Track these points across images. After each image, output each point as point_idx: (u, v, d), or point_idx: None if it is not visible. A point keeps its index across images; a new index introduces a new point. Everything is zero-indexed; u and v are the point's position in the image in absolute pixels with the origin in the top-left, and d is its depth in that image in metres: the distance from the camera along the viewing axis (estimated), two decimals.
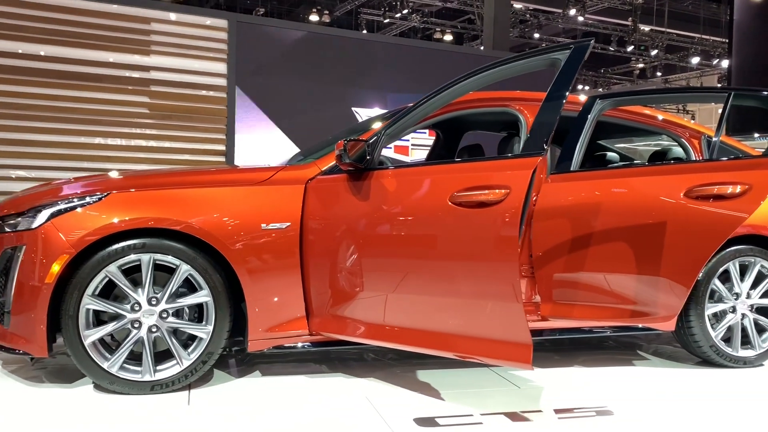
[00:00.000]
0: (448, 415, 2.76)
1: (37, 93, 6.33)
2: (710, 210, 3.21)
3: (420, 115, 3.16)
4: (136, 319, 2.90)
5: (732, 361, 3.60)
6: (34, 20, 6.30)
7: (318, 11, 17.85)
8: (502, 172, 2.75)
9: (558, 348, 4.07)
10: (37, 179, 6.12)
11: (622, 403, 2.99)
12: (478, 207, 2.72)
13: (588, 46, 2.85)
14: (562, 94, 2.78)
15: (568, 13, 17.34)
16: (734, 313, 3.60)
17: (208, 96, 7.09)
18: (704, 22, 18.54)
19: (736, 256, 3.57)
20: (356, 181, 3.03)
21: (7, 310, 2.86)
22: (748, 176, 3.20)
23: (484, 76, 3.05)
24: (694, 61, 20.67)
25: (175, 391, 2.96)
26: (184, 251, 2.90)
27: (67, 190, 3.03)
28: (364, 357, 3.71)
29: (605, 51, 20.83)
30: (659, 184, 3.32)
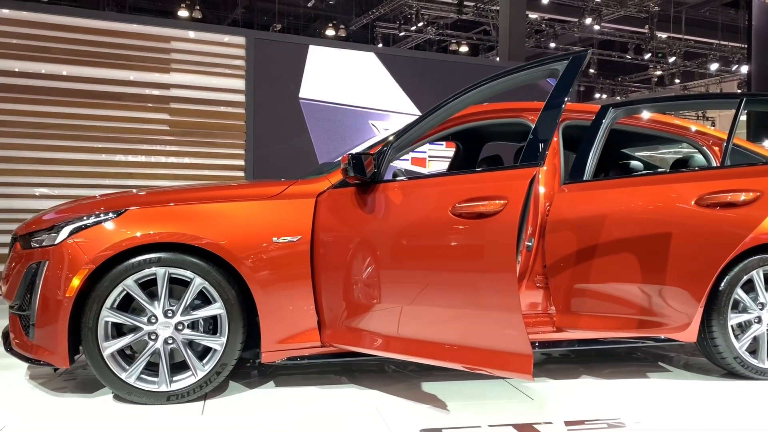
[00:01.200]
0: (456, 426, 2.76)
1: (59, 112, 6.47)
2: (721, 218, 3.16)
3: (426, 127, 3.19)
4: (153, 331, 2.98)
5: (758, 373, 3.50)
6: (57, 41, 6.46)
7: (334, 26, 18.00)
8: (499, 182, 2.77)
9: (583, 360, 4.03)
10: (60, 197, 6.24)
11: (636, 415, 2.93)
12: (477, 218, 2.74)
13: (585, 55, 2.86)
14: (559, 103, 2.79)
15: (584, 22, 17.31)
16: (760, 324, 3.51)
17: (227, 112, 7.17)
18: (722, 28, 18.40)
19: (761, 265, 3.49)
20: (363, 194, 3.07)
21: (32, 323, 2.96)
22: (758, 183, 3.16)
23: (486, 88, 3.08)
24: (712, 67, 20.49)
25: (190, 401, 3.02)
26: (198, 265, 2.97)
27: (88, 207, 3.13)
28: (378, 368, 3.71)
29: (622, 59, 20.74)
30: (671, 192, 3.29)
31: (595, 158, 3.55)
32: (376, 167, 3.02)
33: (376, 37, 19.27)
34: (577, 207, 3.39)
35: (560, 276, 3.37)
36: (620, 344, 3.62)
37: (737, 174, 3.25)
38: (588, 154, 3.54)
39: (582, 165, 3.53)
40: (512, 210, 2.65)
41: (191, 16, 16.08)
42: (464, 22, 18.97)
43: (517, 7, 12.18)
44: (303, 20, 19.84)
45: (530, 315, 3.42)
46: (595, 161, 3.55)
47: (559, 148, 3.58)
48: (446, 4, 17.17)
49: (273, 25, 18.31)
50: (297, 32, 18.52)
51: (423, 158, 8.28)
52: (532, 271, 3.41)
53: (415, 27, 17.88)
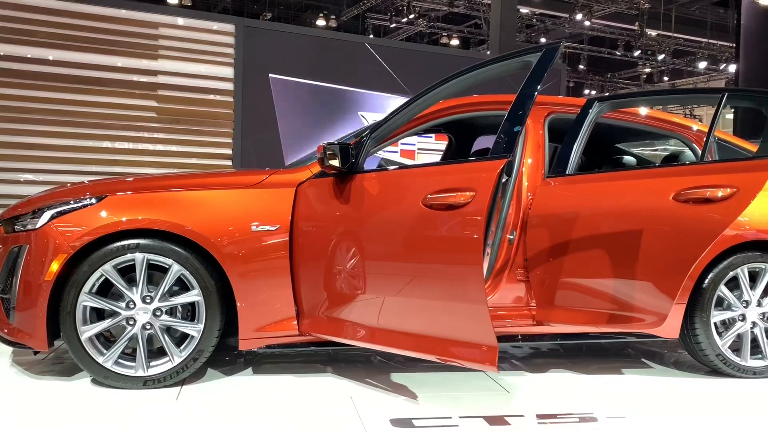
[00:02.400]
0: (426, 416, 2.77)
1: (45, 97, 6.39)
2: (697, 213, 3.11)
3: (404, 119, 3.20)
4: (131, 316, 2.99)
5: (740, 371, 3.46)
6: (43, 25, 6.38)
7: (325, 16, 17.93)
8: (468, 174, 2.78)
9: (571, 355, 4.02)
10: (46, 182, 6.18)
11: (609, 410, 2.92)
12: (447, 209, 2.75)
13: (558, 47, 2.86)
14: (530, 94, 2.79)
15: (574, 17, 17.35)
16: (744, 322, 3.47)
17: (215, 100, 7.13)
18: (711, 26, 18.51)
19: (746, 262, 3.45)
20: (341, 185, 3.08)
21: (12, 306, 2.99)
22: (735, 179, 3.09)
23: (463, 80, 3.09)
24: (701, 65, 20.64)
25: (167, 386, 3.03)
26: (175, 251, 2.99)
27: (70, 192, 3.15)
28: (358, 358, 3.71)
29: (612, 55, 20.84)
30: (650, 187, 3.26)
31: (579, 152, 3.54)
32: (354, 157, 3.03)
33: (367, 29, 19.21)
34: (558, 201, 3.39)
35: (540, 269, 3.36)
36: (603, 339, 3.62)
37: (715, 170, 3.22)
38: (572, 148, 3.53)
39: (565, 158, 3.52)
40: (480, 201, 2.66)
41: (181, 2, 15.94)
42: (456, 15, 18.96)
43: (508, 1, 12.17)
44: (294, 10, 19.74)
45: (511, 308, 3.41)
46: (578, 155, 3.54)
47: (543, 141, 3.57)
48: None
49: (263, 13, 18.20)
50: (287, 22, 18.41)
51: (412, 150, 8.28)
52: (513, 264, 3.40)
53: (406, 19, 17.83)
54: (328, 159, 2.99)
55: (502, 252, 3.40)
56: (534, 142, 3.56)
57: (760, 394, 3.29)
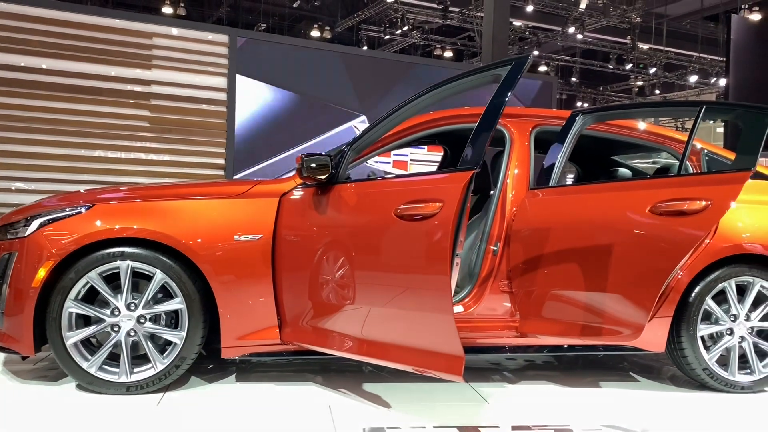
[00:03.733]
0: (400, 426, 2.79)
1: (38, 106, 6.40)
2: (672, 226, 3.08)
3: (382, 130, 3.26)
4: (116, 323, 3.05)
5: (728, 386, 3.44)
6: (36, 34, 6.39)
7: (319, 27, 18.00)
8: (436, 185, 2.84)
9: (565, 367, 4.00)
10: (38, 191, 6.18)
11: (586, 423, 2.92)
12: (416, 220, 2.80)
13: (525, 61, 2.89)
14: (497, 105, 2.81)
15: (567, 31, 17.49)
16: (731, 336, 3.45)
17: (208, 110, 7.15)
18: (702, 41, 18.68)
19: (733, 276, 3.43)
20: (321, 195, 3.14)
21: (1, 312, 3.05)
22: (709, 192, 3.06)
23: (438, 92, 3.15)
24: (692, 79, 20.81)
25: (150, 392, 3.08)
26: (159, 260, 3.04)
27: (60, 201, 3.23)
28: (341, 366, 3.72)
29: (604, 68, 20.98)
30: (628, 199, 3.24)
31: (563, 164, 3.56)
32: (334, 168, 3.08)
33: (361, 40, 19.30)
34: (540, 213, 3.40)
35: (523, 280, 3.37)
36: (590, 352, 3.60)
37: (690, 182, 3.20)
38: (555, 160, 3.56)
39: (549, 171, 3.54)
40: (447, 212, 2.69)
41: (175, 13, 15.98)
42: (449, 27, 19.08)
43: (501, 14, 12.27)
44: (288, 20, 19.81)
45: (495, 319, 3.42)
46: (562, 167, 3.56)
47: (529, 153, 3.60)
48: (431, 9, 17.25)
49: (258, 24, 18.26)
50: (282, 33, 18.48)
51: (404, 161, 8.31)
52: (497, 275, 3.42)
53: (400, 31, 17.93)
54: (306, 170, 3.04)
55: (487, 263, 3.42)
56: (519, 154, 3.59)
57: (742, 410, 3.25)
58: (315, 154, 3.09)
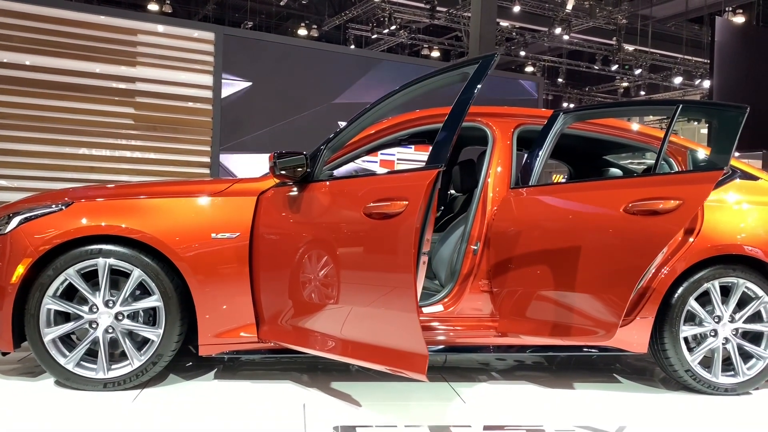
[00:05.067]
0: (371, 425, 2.79)
1: (21, 103, 6.34)
2: (644, 225, 3.03)
3: (356, 129, 3.28)
4: (94, 319, 3.07)
5: (711, 388, 3.40)
6: (20, 29, 6.33)
7: (306, 26, 17.97)
8: (402, 184, 2.83)
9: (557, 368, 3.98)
10: (21, 189, 6.11)
11: (560, 423, 2.91)
12: (383, 219, 2.80)
13: (492, 58, 2.90)
14: (463, 102, 2.82)
15: (553, 31, 17.58)
16: (715, 337, 3.41)
17: (194, 108, 7.11)
18: (687, 42, 18.85)
19: (717, 277, 3.39)
20: (297, 194, 3.15)
21: None
22: (680, 191, 3.01)
23: (408, 91, 3.17)
24: (676, 81, 20.99)
25: (127, 389, 3.10)
26: (136, 257, 3.06)
27: (41, 198, 3.25)
28: (318, 365, 3.72)
29: (590, 69, 21.11)
30: (603, 199, 3.20)
31: (542, 162, 3.55)
32: (309, 167, 3.10)
33: (348, 39, 19.27)
34: (518, 212, 3.39)
35: (501, 280, 3.36)
36: (572, 353, 3.57)
37: (663, 182, 3.15)
38: (536, 160, 3.54)
39: (529, 170, 3.53)
40: (412, 211, 2.69)
41: (161, 10, 15.88)
42: (436, 27, 19.11)
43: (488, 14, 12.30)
44: (275, 19, 19.75)
45: (476, 318, 3.41)
46: (542, 165, 3.54)
47: (511, 152, 3.59)
48: (419, 9, 17.26)
49: (244, 22, 18.18)
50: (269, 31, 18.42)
51: (392, 161, 8.32)
52: (477, 275, 3.41)
53: (387, 30, 17.93)
54: (279, 168, 3.05)
55: (467, 262, 3.42)
56: (502, 154, 3.58)
57: (721, 411, 3.22)
58: (289, 152, 3.09)
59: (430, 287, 3.70)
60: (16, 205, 3.23)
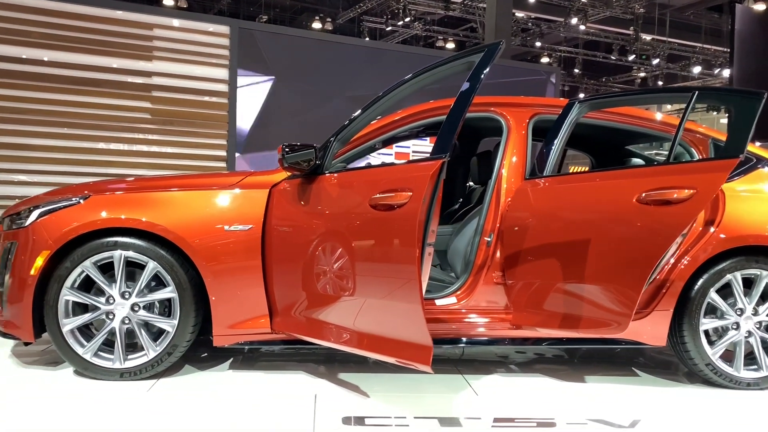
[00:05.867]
0: (380, 416, 2.80)
1: (40, 98, 6.41)
2: (657, 215, 2.96)
3: (365, 121, 3.29)
4: (110, 310, 3.13)
5: (732, 382, 3.33)
6: (38, 25, 6.39)
7: (321, 19, 17.95)
8: (406, 175, 2.82)
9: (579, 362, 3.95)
10: (40, 183, 6.18)
11: (572, 416, 2.87)
12: (388, 210, 2.80)
13: (497, 46, 2.88)
14: (468, 92, 2.81)
15: (569, 22, 17.42)
16: (737, 330, 3.33)
17: (209, 102, 7.14)
18: (706, 31, 18.60)
19: (739, 268, 3.30)
20: (307, 186, 3.17)
21: (5, 299, 3.15)
22: (694, 180, 2.94)
23: (415, 82, 3.17)
24: (695, 70, 20.72)
25: (143, 379, 3.15)
26: (151, 249, 3.11)
27: (60, 192, 3.32)
28: (332, 356, 3.72)
29: (607, 60, 20.90)
30: (617, 188, 3.14)
31: (558, 152, 3.50)
32: (319, 159, 3.11)
33: (362, 32, 19.24)
34: (532, 203, 3.35)
35: (514, 272, 3.33)
36: (588, 345, 3.53)
37: (677, 171, 3.07)
38: (551, 149, 3.49)
39: (544, 160, 3.49)
40: (415, 202, 2.69)
41: (177, 4, 15.94)
42: (451, 18, 19.01)
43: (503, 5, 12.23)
44: (290, 12, 19.76)
45: (489, 311, 3.39)
46: (557, 155, 3.50)
47: (526, 142, 3.55)
48: (433, 0, 17.18)
49: (259, 16, 18.21)
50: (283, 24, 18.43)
51: (407, 153, 8.29)
52: (490, 266, 3.39)
53: (402, 22, 17.87)
54: (287, 160, 3.07)
55: (481, 254, 3.40)
56: (516, 144, 3.55)
57: (741, 406, 3.14)
58: (297, 144, 3.11)
59: (445, 279, 3.69)
60: (37, 199, 3.29)
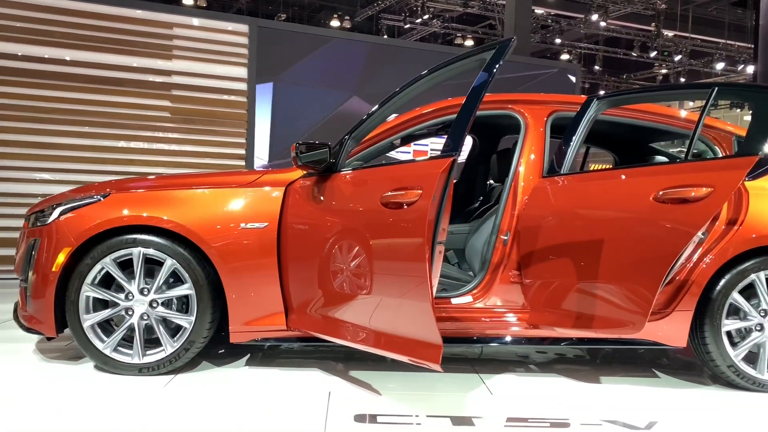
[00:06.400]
0: (393, 413, 2.79)
1: (61, 97, 6.48)
2: (673, 214, 2.90)
3: (379, 118, 3.29)
4: (129, 306, 3.18)
5: (756, 385, 3.26)
6: (59, 25, 6.46)
7: (339, 17, 17.96)
8: (416, 173, 2.82)
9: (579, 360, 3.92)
10: (61, 182, 6.25)
11: (587, 417, 2.83)
12: (398, 208, 2.80)
13: (509, 43, 2.86)
14: (478, 90, 2.80)
15: (590, 18, 17.26)
16: (761, 332, 3.26)
17: (229, 100, 7.17)
18: (729, 27, 18.34)
19: (763, 268, 3.23)
20: (321, 184, 3.19)
21: (28, 295, 3.22)
22: (711, 178, 2.87)
23: (427, 80, 3.16)
24: (718, 66, 20.43)
25: (161, 374, 3.19)
26: (169, 247, 3.15)
27: (81, 190, 3.38)
28: (347, 353, 3.70)
29: (628, 56, 20.68)
30: (634, 187, 3.08)
31: (575, 149, 3.46)
32: (333, 157, 3.13)
33: (381, 29, 19.22)
34: (548, 201, 3.31)
35: (531, 271, 3.30)
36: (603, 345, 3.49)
37: (694, 169, 3.00)
38: (568, 147, 3.45)
39: (561, 158, 3.45)
40: (425, 200, 2.68)
41: (196, 3, 16.04)
42: (470, 15, 18.93)
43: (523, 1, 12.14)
44: (308, 11, 19.80)
45: (506, 310, 3.37)
46: (574, 152, 3.46)
47: (544, 140, 3.51)
48: None
49: (278, 14, 18.27)
50: (302, 22, 18.47)
51: (425, 151, 8.26)
52: (507, 265, 3.36)
53: (420, 20, 17.82)
54: (300, 159, 3.10)
55: (497, 253, 3.38)
56: (534, 142, 3.51)
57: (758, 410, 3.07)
58: (311, 142, 3.13)
59: (463, 278, 3.67)
60: (59, 197, 3.35)
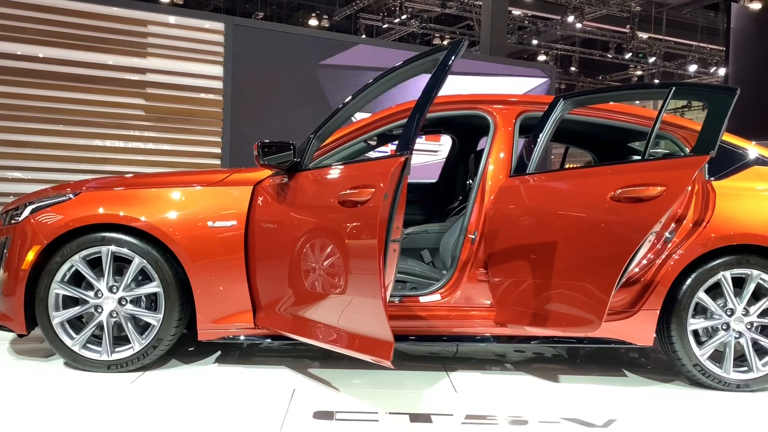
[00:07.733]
0: (351, 410, 2.82)
1: (34, 95, 6.38)
2: (629, 213, 2.93)
3: (341, 119, 3.32)
4: (98, 304, 3.19)
5: (721, 384, 3.26)
6: (32, 22, 6.37)
7: (317, 16, 17.94)
8: (370, 171, 2.86)
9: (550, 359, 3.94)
10: (34, 180, 6.17)
11: (546, 415, 2.85)
12: (353, 206, 2.84)
13: (459, 44, 2.90)
14: (430, 90, 2.83)
15: (566, 19, 17.43)
16: (727, 331, 3.27)
17: (204, 99, 7.13)
18: (702, 30, 18.64)
19: (729, 267, 3.25)
20: (286, 184, 3.21)
21: (0, 293, 3.24)
22: (664, 177, 2.90)
23: (386, 80, 3.21)
24: (691, 68, 20.77)
25: (129, 371, 3.22)
26: (136, 245, 3.17)
27: (52, 189, 3.40)
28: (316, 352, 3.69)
29: (603, 58, 20.93)
30: (594, 186, 3.10)
31: (541, 149, 3.49)
32: (298, 156, 3.15)
33: (359, 29, 19.23)
34: (512, 201, 3.35)
35: (497, 270, 3.33)
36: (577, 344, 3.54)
37: (649, 168, 3.01)
38: (534, 146, 3.48)
39: (527, 157, 3.48)
40: (377, 198, 2.72)
41: (172, 1, 15.91)
42: (448, 16, 19.02)
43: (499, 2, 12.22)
44: (286, 9, 19.73)
45: (473, 308, 3.40)
46: (540, 152, 3.49)
47: (512, 140, 3.55)
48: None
49: (255, 13, 18.18)
50: (279, 21, 18.40)
51: None
52: (474, 264, 3.40)
53: (398, 19, 17.86)
54: (263, 157, 3.12)
55: (465, 252, 3.41)
56: (503, 141, 3.54)
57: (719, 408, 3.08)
58: (275, 141, 3.14)
59: (433, 277, 3.69)
60: (31, 195, 3.37)
